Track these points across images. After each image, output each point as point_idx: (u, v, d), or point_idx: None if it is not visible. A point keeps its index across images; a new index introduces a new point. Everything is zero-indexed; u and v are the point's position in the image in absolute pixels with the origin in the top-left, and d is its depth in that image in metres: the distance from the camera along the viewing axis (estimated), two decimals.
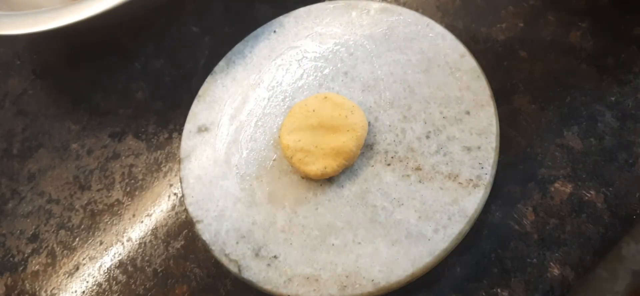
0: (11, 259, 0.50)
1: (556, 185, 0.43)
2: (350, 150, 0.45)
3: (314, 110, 0.47)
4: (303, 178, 0.46)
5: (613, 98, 0.45)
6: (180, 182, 0.47)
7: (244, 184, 0.46)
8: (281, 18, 0.54)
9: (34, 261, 0.50)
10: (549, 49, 0.49)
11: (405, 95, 0.47)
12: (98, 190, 0.52)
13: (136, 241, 0.49)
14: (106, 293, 0.47)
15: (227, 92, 0.51)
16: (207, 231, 0.44)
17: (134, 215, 0.50)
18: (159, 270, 0.47)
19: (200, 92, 0.51)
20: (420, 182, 0.43)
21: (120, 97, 0.57)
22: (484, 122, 0.44)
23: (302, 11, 0.53)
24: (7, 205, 0.53)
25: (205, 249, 0.45)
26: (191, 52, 0.57)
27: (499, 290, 0.40)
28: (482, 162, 0.42)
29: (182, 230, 0.48)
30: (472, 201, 0.41)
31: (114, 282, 0.47)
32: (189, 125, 0.50)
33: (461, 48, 0.47)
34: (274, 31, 0.53)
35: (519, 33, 0.50)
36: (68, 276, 0.49)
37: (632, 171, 0.43)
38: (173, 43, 0.59)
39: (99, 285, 0.48)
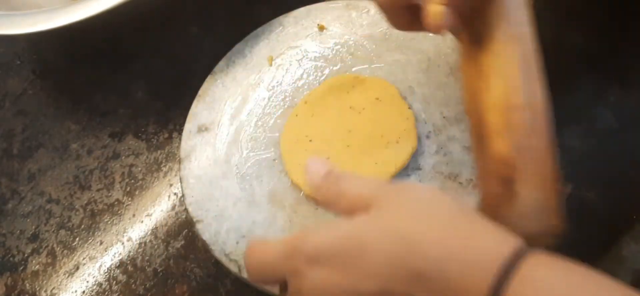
0: (11, 259, 0.50)
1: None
2: None
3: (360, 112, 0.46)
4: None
5: (613, 99, 0.45)
6: (180, 182, 0.47)
7: (244, 184, 0.46)
8: (281, 18, 0.53)
9: (34, 261, 0.50)
10: (549, 49, 0.49)
11: (406, 95, 0.47)
12: (98, 190, 0.52)
13: (136, 241, 0.49)
14: (106, 293, 0.47)
15: (227, 92, 0.51)
16: (207, 231, 0.44)
17: (134, 215, 0.50)
18: (159, 270, 0.47)
19: (200, 92, 0.51)
20: (420, 181, 0.43)
21: (120, 97, 0.57)
22: None
23: (302, 11, 0.53)
24: (7, 205, 0.53)
25: (205, 249, 0.45)
26: (191, 52, 0.57)
27: None
28: None
29: (182, 230, 0.48)
30: (473, 201, 0.41)
31: (114, 282, 0.47)
32: (189, 125, 0.50)
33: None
34: (274, 31, 0.53)
35: None
36: (68, 276, 0.49)
37: (632, 171, 0.43)
38: (173, 43, 0.59)
39: (99, 284, 0.48)
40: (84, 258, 0.49)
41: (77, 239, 0.50)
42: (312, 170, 0.34)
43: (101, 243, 0.49)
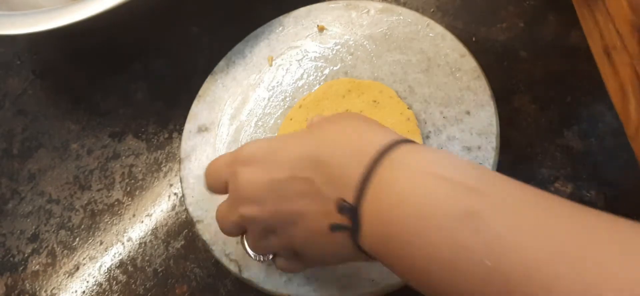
0: (11, 259, 0.50)
1: (556, 185, 0.43)
2: None
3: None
4: None
5: None
6: (180, 182, 0.47)
7: None
8: (281, 18, 0.54)
9: (34, 261, 0.50)
10: (549, 49, 0.49)
11: (406, 96, 0.47)
12: (98, 190, 0.52)
13: (136, 241, 0.49)
14: (106, 293, 0.47)
15: (227, 92, 0.51)
16: (207, 231, 0.44)
17: (134, 215, 0.50)
18: (159, 270, 0.47)
19: (200, 92, 0.51)
20: None
21: (120, 97, 0.57)
22: (484, 122, 0.44)
23: (302, 11, 0.53)
24: (7, 205, 0.53)
25: (205, 249, 0.45)
26: (191, 52, 0.57)
27: None
28: (482, 162, 0.42)
29: (182, 230, 0.48)
30: None
31: (114, 282, 0.47)
32: (189, 125, 0.50)
33: (461, 48, 0.47)
34: (274, 31, 0.53)
35: (519, 33, 0.50)
36: (68, 276, 0.49)
37: (632, 171, 0.43)
38: (173, 43, 0.59)
39: (99, 284, 0.48)
40: (84, 258, 0.49)
41: (77, 239, 0.50)
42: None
43: (101, 243, 0.49)
